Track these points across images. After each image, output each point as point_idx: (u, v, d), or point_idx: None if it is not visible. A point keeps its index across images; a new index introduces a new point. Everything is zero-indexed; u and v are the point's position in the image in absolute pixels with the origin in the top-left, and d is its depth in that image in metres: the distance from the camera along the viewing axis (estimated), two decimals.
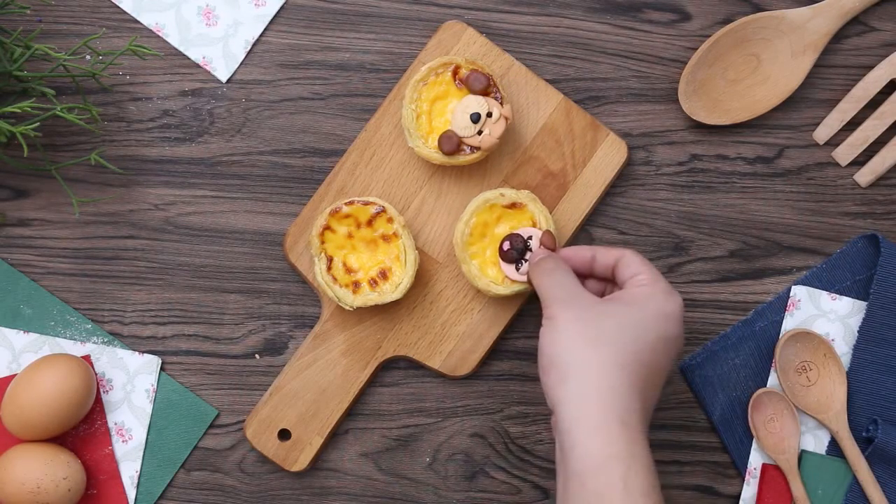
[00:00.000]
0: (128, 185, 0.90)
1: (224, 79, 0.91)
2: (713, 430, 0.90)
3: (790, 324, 0.89)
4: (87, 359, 0.88)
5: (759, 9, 0.92)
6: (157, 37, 0.91)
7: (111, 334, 0.89)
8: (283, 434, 0.88)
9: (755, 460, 0.89)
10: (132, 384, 0.88)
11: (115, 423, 0.88)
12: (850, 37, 0.92)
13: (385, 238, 0.86)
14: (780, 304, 0.90)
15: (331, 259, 0.86)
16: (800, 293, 0.90)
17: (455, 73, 0.86)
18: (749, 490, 0.89)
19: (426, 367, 0.89)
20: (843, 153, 0.92)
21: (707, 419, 0.90)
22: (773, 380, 0.89)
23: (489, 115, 0.85)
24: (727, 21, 0.91)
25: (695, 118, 0.90)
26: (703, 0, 0.92)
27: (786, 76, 0.91)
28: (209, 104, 0.91)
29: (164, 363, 0.89)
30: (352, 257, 0.86)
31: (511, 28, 0.91)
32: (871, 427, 0.88)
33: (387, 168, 0.89)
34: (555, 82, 0.91)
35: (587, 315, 0.75)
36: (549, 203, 0.89)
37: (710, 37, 0.90)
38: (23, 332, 0.88)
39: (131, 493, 0.88)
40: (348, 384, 0.88)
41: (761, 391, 0.88)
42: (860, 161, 0.92)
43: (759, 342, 0.90)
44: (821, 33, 0.90)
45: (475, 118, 0.84)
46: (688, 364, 0.90)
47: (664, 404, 0.90)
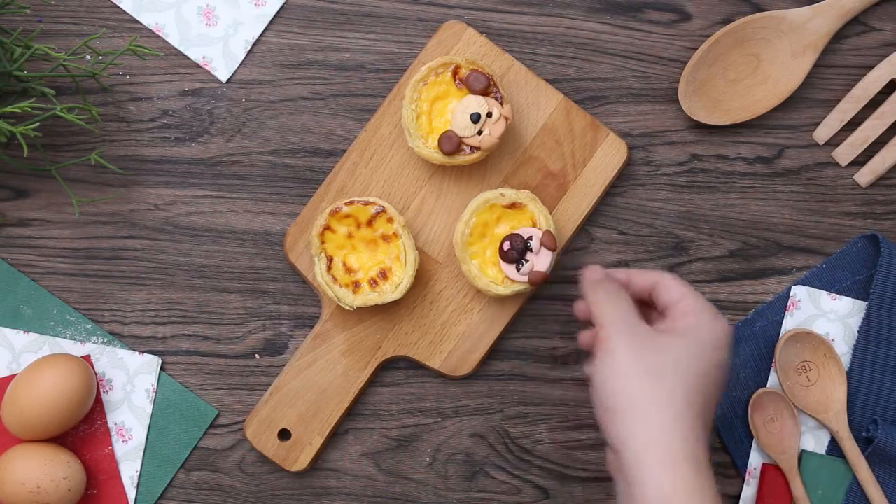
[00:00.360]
0: (128, 185, 0.90)
1: (224, 79, 0.91)
2: (713, 430, 0.90)
3: (790, 324, 0.89)
4: (87, 359, 0.88)
5: (759, 9, 0.92)
6: (157, 37, 0.91)
7: (111, 334, 0.89)
8: (283, 434, 0.88)
9: (755, 460, 0.89)
10: (132, 384, 0.88)
11: (115, 423, 0.88)
12: (850, 37, 0.92)
13: (385, 238, 0.86)
14: (780, 304, 0.90)
15: (331, 259, 0.86)
16: (800, 293, 0.90)
17: (455, 73, 0.86)
18: (749, 490, 0.89)
19: (426, 367, 0.89)
20: (843, 153, 0.92)
21: None
22: (773, 380, 0.89)
23: (489, 115, 0.85)
24: (727, 21, 0.91)
25: (695, 118, 0.90)
26: (703, 0, 0.92)
27: (786, 76, 0.91)
28: (209, 104, 0.91)
29: (164, 363, 0.89)
30: (352, 257, 0.86)
31: (511, 28, 0.91)
32: (871, 427, 0.88)
33: (387, 168, 0.89)
34: (555, 82, 0.91)
35: (647, 348, 0.74)
36: (549, 203, 0.89)
37: (710, 37, 0.90)
38: (23, 332, 0.88)
39: (131, 493, 0.88)
40: (348, 384, 0.88)
41: (761, 391, 0.88)
42: (860, 161, 0.92)
43: (759, 342, 0.90)
44: (821, 33, 0.90)
45: (475, 118, 0.84)
46: None
47: None
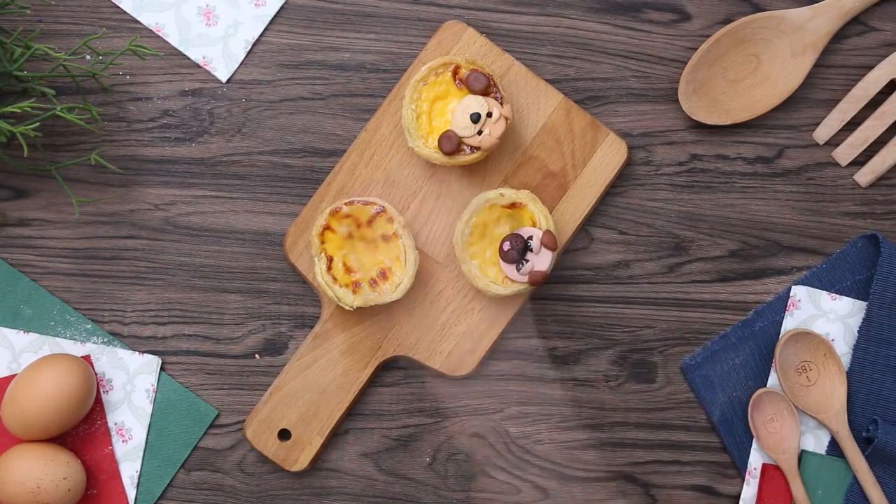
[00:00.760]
0: (128, 185, 0.90)
1: (224, 79, 0.91)
2: (713, 430, 0.90)
3: (790, 324, 0.89)
4: (87, 359, 0.88)
5: (759, 9, 0.92)
6: (157, 37, 0.91)
7: (111, 334, 0.89)
8: (283, 434, 0.88)
9: (755, 460, 0.89)
10: (132, 384, 0.88)
11: (115, 423, 0.88)
12: (850, 37, 0.92)
13: (385, 238, 0.86)
14: (780, 304, 0.90)
15: (331, 259, 0.86)
16: (800, 293, 0.90)
17: (455, 73, 0.86)
18: (749, 490, 0.89)
19: (426, 367, 0.89)
20: (843, 153, 0.92)
21: (707, 419, 0.90)
22: (773, 380, 0.89)
23: (489, 115, 0.85)
24: (727, 21, 0.91)
25: (695, 118, 0.90)
26: (703, 0, 0.92)
27: (786, 76, 0.91)
28: (209, 104, 0.91)
29: (164, 363, 0.89)
30: (352, 257, 0.86)
31: (511, 28, 0.91)
32: (871, 427, 0.88)
33: (387, 168, 0.89)
34: (555, 82, 0.91)
35: None
36: (549, 203, 0.89)
37: (710, 37, 0.90)
38: (23, 332, 0.88)
39: (131, 493, 0.88)
40: (348, 384, 0.88)
41: (761, 391, 0.88)
42: (860, 161, 0.92)
43: (759, 342, 0.90)
44: (821, 33, 0.90)
45: (475, 118, 0.84)
46: (688, 364, 0.90)
47: (664, 404, 0.90)
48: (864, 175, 0.91)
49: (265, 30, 0.91)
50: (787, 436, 0.88)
